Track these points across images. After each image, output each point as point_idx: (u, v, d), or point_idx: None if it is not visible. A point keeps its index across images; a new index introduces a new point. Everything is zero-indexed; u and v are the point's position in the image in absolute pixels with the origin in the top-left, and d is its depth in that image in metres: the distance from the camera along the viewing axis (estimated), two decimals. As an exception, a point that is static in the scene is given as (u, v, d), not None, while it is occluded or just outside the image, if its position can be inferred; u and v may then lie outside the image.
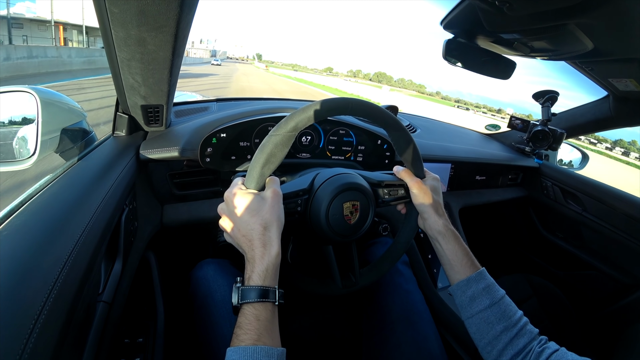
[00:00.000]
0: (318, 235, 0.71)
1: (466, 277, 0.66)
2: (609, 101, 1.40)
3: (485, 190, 1.65)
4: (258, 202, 0.58)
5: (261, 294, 0.52)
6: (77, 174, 0.70)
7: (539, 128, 1.53)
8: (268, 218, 0.57)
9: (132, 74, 0.73)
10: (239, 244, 0.57)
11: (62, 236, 0.51)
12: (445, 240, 0.70)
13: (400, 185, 0.78)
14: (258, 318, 0.51)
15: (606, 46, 0.87)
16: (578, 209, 1.57)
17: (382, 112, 0.69)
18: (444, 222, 0.72)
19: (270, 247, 0.56)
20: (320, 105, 0.62)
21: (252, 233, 0.55)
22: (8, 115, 0.80)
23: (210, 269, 0.87)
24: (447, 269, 0.70)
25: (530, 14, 0.74)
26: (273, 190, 0.60)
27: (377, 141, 1.21)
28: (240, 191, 0.59)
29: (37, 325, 0.38)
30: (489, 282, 0.65)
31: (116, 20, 0.57)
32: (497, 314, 0.62)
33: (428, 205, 0.72)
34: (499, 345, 0.60)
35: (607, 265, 1.50)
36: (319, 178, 0.73)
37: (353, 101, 0.66)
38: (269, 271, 0.54)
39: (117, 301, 0.68)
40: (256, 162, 0.59)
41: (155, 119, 0.93)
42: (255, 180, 0.60)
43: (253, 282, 0.53)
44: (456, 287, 0.67)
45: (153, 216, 0.97)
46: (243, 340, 0.48)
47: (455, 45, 1.09)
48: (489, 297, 0.63)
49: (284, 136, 0.60)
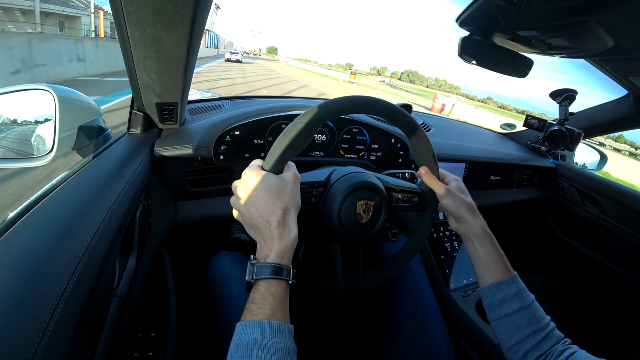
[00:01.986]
0: (327, 231, 0.71)
1: (498, 280, 0.66)
2: (629, 100, 1.36)
3: (500, 191, 1.62)
4: (279, 184, 0.58)
5: (277, 271, 0.52)
6: (93, 170, 0.71)
7: (555, 127, 1.50)
8: (288, 201, 0.57)
9: (148, 72, 0.74)
10: (253, 224, 0.57)
11: (78, 232, 0.52)
12: (482, 243, 0.70)
13: (415, 192, 0.77)
14: (273, 294, 0.51)
15: (627, 44, 0.85)
16: (595, 211, 1.53)
17: (405, 116, 0.69)
18: (481, 225, 0.71)
19: (290, 230, 0.56)
20: (345, 100, 0.63)
21: (271, 215, 0.55)
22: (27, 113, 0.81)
23: (227, 261, 0.88)
24: (480, 271, 0.70)
25: (548, 10, 0.72)
26: (293, 174, 0.60)
27: (391, 140, 1.20)
28: (260, 172, 0.58)
29: (53, 318, 0.39)
30: (521, 287, 0.66)
31: (132, 19, 0.58)
32: (527, 317, 0.63)
33: (464, 209, 0.72)
34: (525, 347, 0.61)
35: (625, 269, 1.46)
36: (336, 174, 0.73)
37: (376, 100, 0.66)
38: (287, 251, 0.54)
39: (131, 296, 0.69)
40: (278, 146, 0.59)
41: (170, 117, 0.94)
42: (275, 163, 0.60)
43: (270, 260, 0.53)
44: (487, 289, 0.68)
45: (167, 213, 0.98)
46: (257, 314, 0.49)
47: (471, 43, 1.07)
48: (520, 301, 0.64)
49: (309, 124, 0.60)
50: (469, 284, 1.24)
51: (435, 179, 0.74)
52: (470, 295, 1.18)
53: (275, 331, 0.47)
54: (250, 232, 0.59)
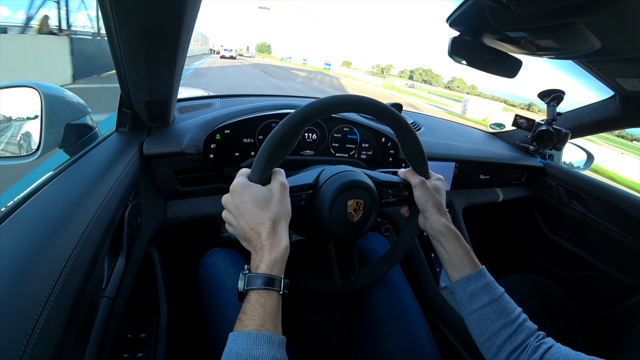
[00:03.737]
0: (320, 232, 0.71)
1: (466, 274, 0.67)
2: (616, 101, 1.38)
3: (489, 190, 1.64)
4: (266, 195, 0.57)
5: (267, 281, 0.52)
6: (81, 169, 0.70)
7: (543, 127, 1.52)
8: (277, 212, 0.57)
9: (136, 70, 0.73)
10: (245, 236, 0.57)
11: (65, 231, 0.51)
12: (446, 239, 0.70)
13: (404, 186, 0.77)
14: (263, 305, 0.51)
15: (614, 45, 0.86)
16: (582, 209, 1.56)
17: (391, 112, 0.69)
18: (445, 222, 0.72)
19: (280, 240, 0.56)
20: (330, 100, 0.62)
21: (261, 227, 0.55)
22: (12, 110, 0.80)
23: (220, 258, 0.88)
24: (448, 267, 0.71)
25: (537, 11, 0.73)
26: (280, 183, 0.60)
27: (381, 139, 1.21)
28: (247, 184, 0.58)
29: (40, 320, 0.38)
30: (489, 280, 0.66)
31: (120, 16, 0.57)
32: (497, 310, 0.63)
33: (430, 204, 0.73)
34: (497, 342, 0.61)
35: (611, 266, 1.49)
36: (325, 174, 0.72)
37: (363, 99, 0.66)
38: (277, 262, 0.54)
39: (120, 297, 0.68)
40: (263, 154, 0.59)
41: (159, 115, 0.93)
42: (261, 173, 0.59)
43: (260, 270, 0.53)
44: (456, 284, 0.68)
45: (156, 212, 0.97)
46: (247, 325, 0.49)
47: (461, 43, 1.08)
48: (489, 295, 0.64)
49: (292, 128, 0.60)
50: (458, 282, 1.25)
51: (412, 172, 0.76)
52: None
53: (266, 342, 0.47)
54: (244, 245, 0.59)
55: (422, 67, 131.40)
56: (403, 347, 0.81)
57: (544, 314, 1.34)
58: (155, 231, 0.94)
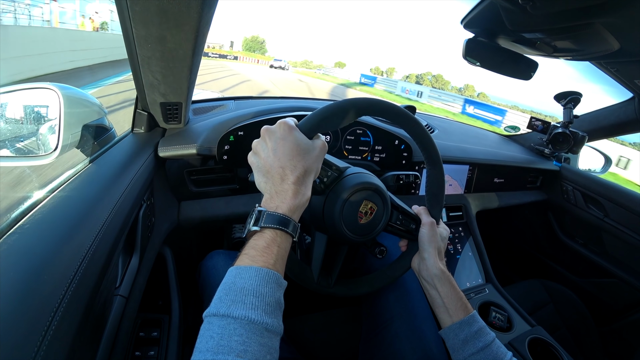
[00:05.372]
0: (322, 220, 0.70)
1: (459, 320, 0.66)
2: (635, 103, 1.35)
3: (503, 193, 1.62)
4: (308, 146, 0.58)
5: (286, 223, 0.51)
6: (97, 169, 0.72)
7: (559, 130, 1.50)
8: (311, 165, 0.57)
9: (152, 72, 0.74)
10: (269, 170, 0.56)
11: (81, 231, 0.52)
12: (442, 283, 0.70)
13: (414, 219, 0.77)
14: (279, 245, 0.50)
15: (633, 46, 0.84)
16: (599, 214, 1.52)
17: (433, 145, 0.72)
18: (442, 267, 0.72)
19: (306, 190, 0.56)
20: (382, 103, 0.66)
21: (292, 170, 0.54)
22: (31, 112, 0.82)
23: (220, 260, 0.88)
24: (441, 312, 0.70)
25: (554, 12, 0.72)
26: (323, 143, 0.60)
27: (395, 141, 1.20)
28: (295, 127, 0.58)
29: (56, 317, 0.39)
30: (481, 325, 0.66)
31: (137, 18, 0.58)
32: (489, 356, 0.63)
33: (432, 246, 0.73)
34: None
35: (629, 273, 1.45)
36: (353, 169, 0.73)
37: (411, 119, 0.69)
38: (298, 209, 0.54)
39: (134, 295, 0.69)
40: (318, 113, 0.61)
41: (174, 117, 0.94)
42: (311, 126, 0.60)
43: (281, 211, 0.52)
44: (449, 330, 0.68)
45: (170, 212, 0.98)
46: (257, 261, 0.47)
47: (476, 45, 1.07)
48: (482, 340, 0.64)
49: (350, 108, 0.63)
50: (471, 286, 1.23)
51: (426, 211, 0.77)
52: (473, 298, 1.17)
53: (274, 282, 0.46)
54: (259, 179, 0.58)
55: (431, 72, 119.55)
56: (409, 347, 0.80)
57: (559, 320, 1.31)
58: (169, 231, 0.95)
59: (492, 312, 1.10)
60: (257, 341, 0.41)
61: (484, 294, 1.21)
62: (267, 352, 0.42)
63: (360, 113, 0.65)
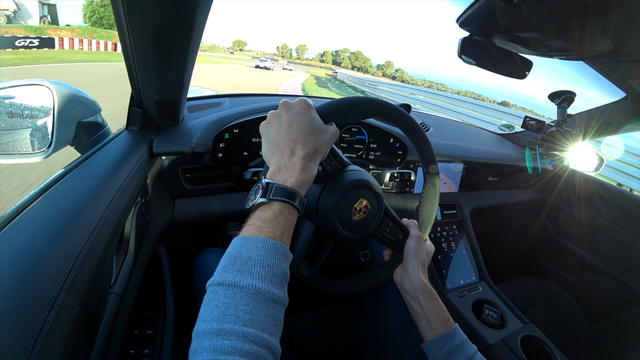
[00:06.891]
0: (318, 208, 0.69)
1: (441, 333, 0.67)
2: (627, 102, 1.36)
3: (497, 192, 1.63)
4: (322, 128, 0.59)
5: (294, 196, 0.51)
6: (91, 167, 0.71)
7: (553, 129, 1.51)
8: (321, 146, 0.58)
9: (147, 69, 0.73)
10: (279, 142, 0.56)
11: (75, 228, 0.51)
12: (424, 296, 0.70)
13: (403, 230, 0.78)
14: (286, 217, 0.50)
15: (626, 46, 0.85)
16: (592, 213, 1.54)
17: (433, 155, 0.76)
18: (425, 280, 0.72)
19: (313, 167, 0.56)
20: (390, 106, 0.69)
21: (303, 146, 0.55)
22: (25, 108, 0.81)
23: (213, 258, 0.88)
24: (423, 325, 0.70)
25: (548, 12, 0.73)
26: (335, 130, 0.62)
27: (390, 139, 1.20)
28: (313, 109, 0.59)
29: (51, 315, 0.38)
30: (463, 338, 0.67)
31: (133, 16, 0.57)
32: None
33: (417, 259, 0.73)
34: None
35: (620, 271, 1.47)
36: (356, 167, 0.73)
37: (416, 127, 0.73)
38: (305, 185, 0.54)
39: (128, 293, 0.69)
40: (339, 102, 0.64)
41: (169, 114, 0.94)
42: (328, 112, 0.62)
43: (289, 185, 0.52)
44: (431, 343, 0.67)
45: (164, 210, 0.98)
46: (264, 232, 0.47)
47: (471, 44, 1.07)
48: (464, 354, 0.64)
49: (367, 106, 0.66)
50: (465, 284, 1.24)
51: (416, 225, 0.79)
52: (466, 295, 1.18)
53: (281, 254, 0.46)
54: (267, 149, 0.58)
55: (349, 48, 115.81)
56: (405, 342, 0.81)
57: (551, 317, 1.32)
58: (164, 229, 0.95)
59: (485, 309, 1.11)
60: (263, 311, 0.41)
61: (478, 291, 1.22)
62: (272, 323, 0.42)
63: (369, 114, 0.68)
